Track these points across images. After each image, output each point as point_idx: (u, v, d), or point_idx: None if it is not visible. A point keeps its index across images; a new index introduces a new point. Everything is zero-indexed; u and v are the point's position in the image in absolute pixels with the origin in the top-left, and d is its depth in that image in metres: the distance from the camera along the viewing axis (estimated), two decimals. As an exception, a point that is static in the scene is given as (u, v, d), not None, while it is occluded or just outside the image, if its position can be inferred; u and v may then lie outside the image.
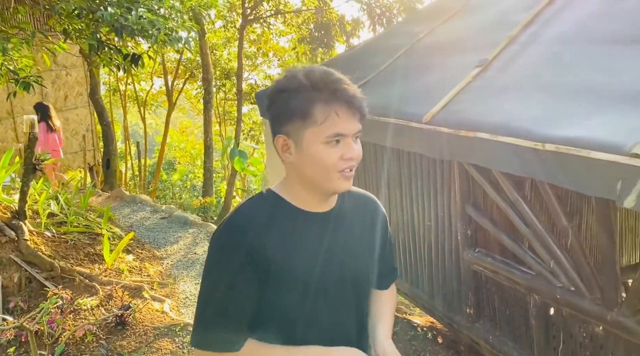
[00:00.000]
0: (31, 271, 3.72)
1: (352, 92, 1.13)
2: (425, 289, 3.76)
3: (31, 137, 3.90)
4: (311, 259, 1.20)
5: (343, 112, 1.12)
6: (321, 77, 1.12)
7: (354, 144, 1.17)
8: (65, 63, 10.64)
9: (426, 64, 3.88)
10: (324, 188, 1.19)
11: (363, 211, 1.35)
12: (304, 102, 1.11)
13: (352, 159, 1.16)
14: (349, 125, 1.14)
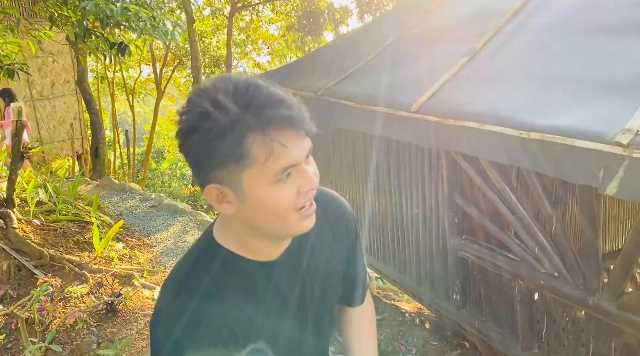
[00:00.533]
0: (20, 260, 3.71)
1: (293, 107, 0.83)
2: (413, 276, 3.82)
3: (18, 125, 3.87)
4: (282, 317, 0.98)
5: (289, 138, 0.82)
6: (247, 99, 0.79)
7: (308, 168, 0.87)
8: (51, 50, 10.50)
9: (415, 53, 3.90)
10: (280, 236, 0.93)
11: (329, 227, 1.08)
12: (234, 140, 0.79)
13: (312, 189, 0.88)
14: (299, 150, 0.84)
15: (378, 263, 4.27)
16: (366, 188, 4.20)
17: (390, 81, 3.77)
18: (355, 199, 4.41)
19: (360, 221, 4.38)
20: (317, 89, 4.26)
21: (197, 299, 0.86)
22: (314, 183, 0.87)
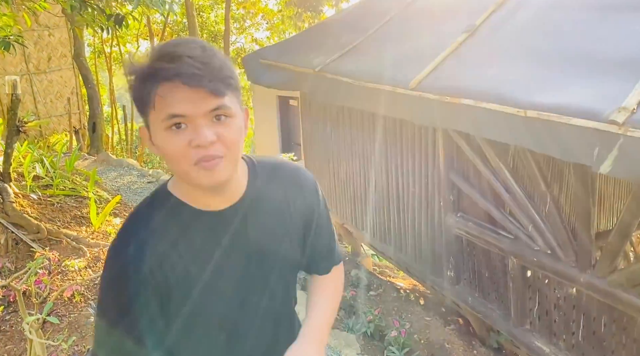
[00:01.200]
0: (17, 233, 3.72)
1: (190, 65, 0.88)
2: (409, 254, 3.85)
3: (14, 99, 3.84)
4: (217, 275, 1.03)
5: (178, 91, 0.88)
6: (157, 53, 0.90)
7: (206, 127, 0.91)
8: (47, 23, 10.34)
9: (415, 29, 3.86)
10: (192, 183, 0.97)
11: (285, 193, 1.11)
12: (142, 88, 0.91)
13: (202, 147, 0.90)
14: (191, 104, 0.89)
15: (375, 240, 4.30)
16: (365, 166, 4.20)
17: (389, 57, 3.74)
18: (354, 178, 4.42)
19: (358, 198, 4.39)
20: (316, 65, 4.23)
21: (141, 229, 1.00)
22: (202, 138, 0.90)
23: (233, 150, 0.95)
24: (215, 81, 0.90)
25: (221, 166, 0.94)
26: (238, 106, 0.98)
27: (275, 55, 5.15)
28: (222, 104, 0.92)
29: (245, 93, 20.66)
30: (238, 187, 1.04)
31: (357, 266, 4.75)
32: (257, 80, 5.22)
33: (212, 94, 0.90)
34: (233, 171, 0.98)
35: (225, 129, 0.93)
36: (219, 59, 0.93)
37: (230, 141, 0.94)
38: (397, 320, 3.54)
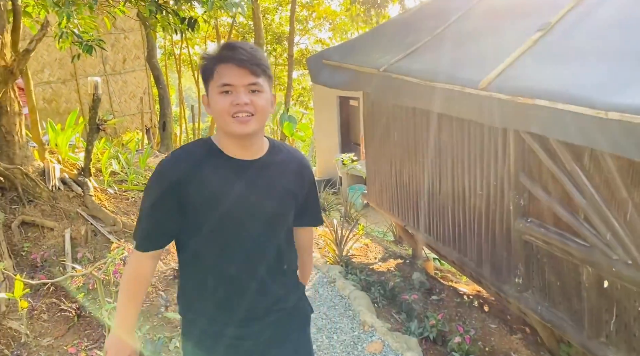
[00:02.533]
0: (96, 225, 3.96)
1: (241, 53, 1.39)
2: (474, 258, 3.75)
3: (95, 98, 4.09)
4: (230, 196, 1.45)
5: (230, 68, 1.38)
6: (222, 46, 1.43)
7: (244, 94, 1.39)
8: (124, 27, 10.94)
9: (484, 28, 3.75)
10: (228, 132, 1.43)
11: (289, 162, 1.58)
12: (209, 67, 1.42)
13: (239, 105, 1.38)
14: (238, 77, 1.38)
15: (437, 243, 4.22)
16: (428, 167, 4.13)
17: (456, 57, 3.66)
18: (417, 179, 4.36)
19: (421, 200, 4.33)
20: (380, 65, 4.20)
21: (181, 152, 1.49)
22: (240, 99, 1.38)
23: (259, 113, 1.42)
24: (255, 66, 1.40)
25: (250, 122, 1.41)
26: (268, 88, 1.45)
27: (339, 56, 5.17)
28: (257, 82, 1.41)
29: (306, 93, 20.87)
30: (259, 150, 1.52)
31: (418, 269, 4.69)
32: (320, 80, 5.26)
33: (252, 73, 1.40)
34: (257, 128, 1.44)
35: (256, 98, 1.41)
36: (261, 54, 1.43)
37: (259, 106, 1.41)
38: (460, 326, 3.46)
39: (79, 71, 10.36)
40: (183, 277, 1.59)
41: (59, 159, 4.62)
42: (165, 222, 1.46)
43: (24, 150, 4.10)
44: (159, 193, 1.43)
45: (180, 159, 1.46)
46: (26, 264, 3.56)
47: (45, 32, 3.80)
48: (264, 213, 1.50)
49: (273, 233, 1.55)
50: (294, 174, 1.59)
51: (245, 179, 1.47)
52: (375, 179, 5.22)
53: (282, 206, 1.56)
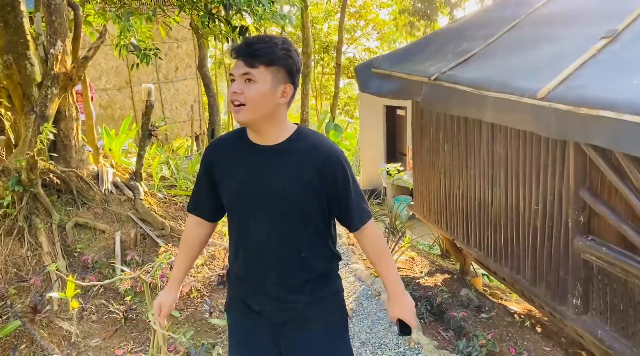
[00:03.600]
0: (145, 229, 4.04)
1: (241, 46, 1.52)
2: (527, 276, 3.57)
3: (148, 105, 4.19)
4: (242, 176, 1.60)
5: (234, 56, 1.53)
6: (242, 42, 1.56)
7: (238, 83, 1.51)
8: (177, 36, 11.26)
9: (541, 36, 3.60)
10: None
11: (310, 153, 1.59)
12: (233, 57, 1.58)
13: (233, 94, 1.51)
14: (236, 68, 1.52)
15: (488, 259, 4.06)
16: (479, 179, 3.99)
17: (512, 66, 3.52)
18: (467, 192, 4.22)
19: (472, 214, 4.18)
20: (431, 73, 4.11)
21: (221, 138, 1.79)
22: (233, 88, 1.52)
23: (250, 103, 1.50)
24: (249, 57, 1.49)
25: (242, 111, 1.51)
26: (269, 78, 1.50)
27: (388, 64, 5.09)
28: (249, 71, 1.49)
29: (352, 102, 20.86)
30: (277, 137, 1.59)
31: (466, 286, 4.53)
32: (368, 89, 5.20)
33: (246, 64, 1.50)
34: (252, 117, 1.53)
35: (248, 88, 1.50)
36: (267, 46, 1.50)
37: (248, 96, 1.50)
38: (512, 347, 3.29)
39: (134, 79, 10.73)
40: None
41: (112, 164, 4.76)
42: (204, 192, 1.73)
43: (80, 154, 4.24)
44: (201, 168, 1.72)
45: (215, 143, 1.74)
46: (78, 264, 3.66)
47: (103, 40, 3.93)
48: (272, 197, 1.58)
49: (286, 219, 1.60)
50: (313, 166, 1.58)
51: (258, 162, 1.59)
52: (423, 191, 5.10)
53: (292, 193, 1.58)
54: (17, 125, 3.92)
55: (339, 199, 1.63)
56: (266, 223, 1.62)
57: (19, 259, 3.57)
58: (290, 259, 1.64)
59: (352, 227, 1.69)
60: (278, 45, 1.51)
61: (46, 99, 3.71)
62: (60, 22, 3.92)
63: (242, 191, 1.62)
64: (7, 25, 3.98)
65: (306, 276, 1.67)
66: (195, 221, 1.78)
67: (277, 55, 1.51)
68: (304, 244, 1.64)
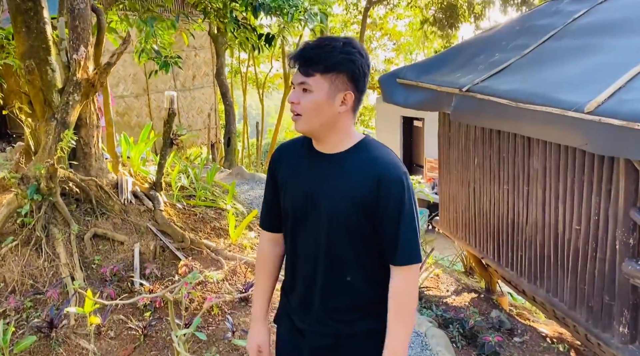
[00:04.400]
0: (165, 241, 3.91)
1: (297, 53, 1.43)
2: (566, 299, 3.38)
3: (170, 113, 4.08)
4: (298, 183, 1.54)
5: (291, 64, 1.44)
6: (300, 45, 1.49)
7: (294, 92, 1.44)
8: (195, 44, 11.24)
9: (585, 47, 3.43)
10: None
11: (369, 165, 1.47)
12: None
13: (290, 103, 1.45)
14: (295, 76, 1.45)
15: (520, 279, 3.86)
16: (513, 196, 3.81)
17: (553, 77, 3.36)
18: (499, 208, 4.04)
19: (503, 231, 4.00)
20: (463, 84, 3.95)
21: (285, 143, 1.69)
22: (289, 98, 1.46)
23: (305, 113, 1.43)
24: (304, 66, 1.41)
25: (299, 121, 1.45)
26: (326, 86, 1.41)
27: (414, 75, 4.94)
28: (304, 81, 1.41)
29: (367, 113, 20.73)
30: (338, 145, 1.50)
31: (495, 306, 4.33)
32: (393, 100, 5.05)
33: (302, 73, 1.42)
34: (308, 128, 1.47)
35: (304, 97, 1.43)
36: (324, 51, 1.39)
37: (303, 107, 1.43)
38: (552, 376, 3.09)
39: (151, 87, 10.72)
40: None
41: (131, 172, 4.65)
42: (271, 200, 1.65)
43: (100, 162, 4.14)
44: (267, 176, 1.66)
45: (281, 147, 1.67)
46: (96, 277, 3.54)
47: (127, 46, 3.84)
48: (322, 211, 1.49)
49: (334, 236, 1.49)
50: (370, 180, 1.45)
51: (315, 170, 1.52)
52: (450, 205, 4.92)
53: (343, 209, 1.46)
54: (38, 132, 3.83)
55: (388, 222, 1.45)
56: (314, 238, 1.52)
57: (36, 271, 3.46)
58: (334, 281, 1.52)
59: (393, 259, 1.48)
60: (337, 49, 1.39)
61: (67, 106, 3.61)
62: (84, 28, 3.83)
63: (295, 199, 1.54)
64: (29, 31, 3.91)
65: (350, 301, 1.54)
66: (270, 238, 1.68)
67: (335, 61, 1.39)
68: (351, 266, 1.51)
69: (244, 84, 17.30)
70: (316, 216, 1.50)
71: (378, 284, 1.52)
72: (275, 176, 1.61)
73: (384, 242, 1.47)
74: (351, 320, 1.54)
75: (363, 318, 1.55)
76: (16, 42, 4.00)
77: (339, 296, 1.54)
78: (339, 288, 1.53)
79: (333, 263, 1.51)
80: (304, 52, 1.41)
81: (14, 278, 3.40)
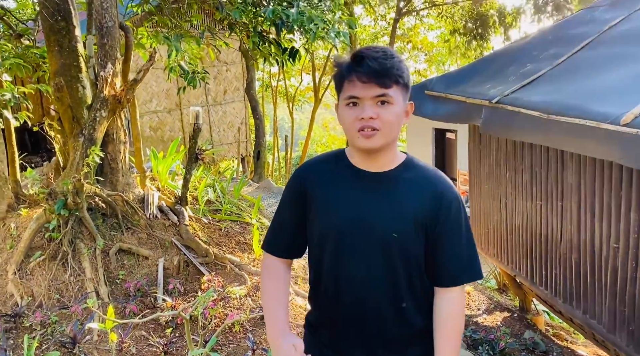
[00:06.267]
0: (189, 256, 3.91)
1: (368, 65, 1.29)
2: (604, 322, 3.18)
3: (195, 128, 4.10)
4: (340, 205, 1.41)
5: (362, 77, 1.29)
6: (351, 56, 1.34)
7: (370, 106, 1.31)
8: (226, 60, 11.41)
9: (621, 56, 3.27)
10: (354, 145, 1.39)
11: (426, 185, 1.40)
12: (336, 76, 1.37)
13: (364, 119, 1.31)
14: (363, 90, 1.30)
15: (555, 299, 3.68)
16: (547, 211, 3.64)
17: (588, 88, 3.21)
18: (532, 224, 3.87)
19: (536, 248, 3.82)
20: (492, 96, 3.83)
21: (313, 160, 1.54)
22: (365, 114, 1.30)
23: (387, 127, 1.32)
24: (384, 77, 1.30)
25: (376, 137, 1.32)
26: (401, 98, 1.34)
27: (443, 87, 4.84)
28: (385, 93, 1.31)
29: (403, 123, 20.55)
30: (388, 163, 1.41)
31: (529, 326, 4.13)
32: (422, 112, 4.95)
33: (380, 85, 1.30)
34: (384, 143, 1.35)
35: (384, 111, 1.32)
36: (393, 62, 1.31)
37: (385, 120, 1.32)
38: (590, 405, 2.90)
39: (183, 101, 10.90)
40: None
41: (159, 187, 4.69)
42: (290, 225, 1.50)
43: (127, 177, 4.19)
44: (289, 197, 1.51)
45: (310, 164, 1.53)
46: (120, 292, 3.55)
47: (153, 62, 3.89)
48: (376, 233, 1.37)
49: (389, 261, 1.38)
50: (427, 201, 1.38)
51: (364, 191, 1.40)
52: (481, 221, 4.76)
53: (402, 230, 1.37)
54: (66, 148, 3.90)
55: (449, 241, 1.39)
56: (366, 264, 1.39)
57: (62, 285, 3.50)
58: (389, 309, 1.42)
59: (446, 279, 1.42)
60: (399, 58, 1.34)
61: (95, 122, 3.67)
62: (112, 45, 3.91)
63: (340, 223, 1.39)
64: (62, 49, 4.02)
65: (404, 331, 1.45)
66: (277, 263, 1.54)
67: (405, 71, 1.34)
68: (406, 292, 1.42)
69: (274, 97, 17.45)
70: (368, 239, 1.38)
71: (427, 309, 1.46)
72: (303, 198, 1.46)
73: (442, 261, 1.41)
74: (404, 348, 1.46)
75: (414, 346, 1.47)
76: (49, 60, 4.12)
77: (394, 325, 1.44)
78: (393, 316, 1.43)
79: (388, 290, 1.41)
80: (376, 64, 1.29)
81: (41, 292, 3.45)
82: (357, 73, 1.30)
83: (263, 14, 3.37)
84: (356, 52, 1.33)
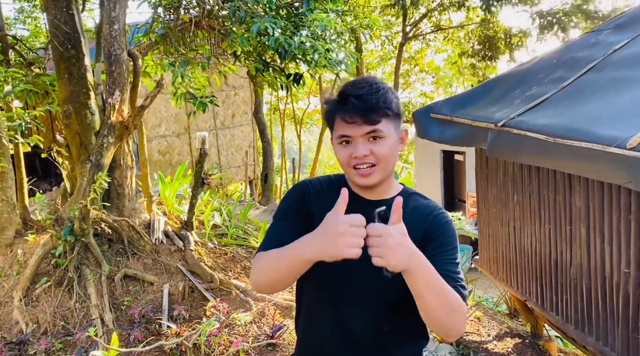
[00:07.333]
0: (194, 282, 3.89)
1: (353, 103, 1.28)
2: (617, 349, 3.10)
3: (202, 153, 4.12)
4: None
5: (346, 117, 1.30)
6: (341, 89, 1.35)
7: (362, 144, 1.31)
8: (234, 84, 11.55)
9: (626, 79, 3.26)
10: (352, 181, 1.41)
11: (419, 212, 1.41)
12: (326, 114, 1.39)
13: (358, 158, 1.31)
14: (353, 129, 1.31)
15: (567, 325, 3.60)
16: (555, 235, 3.59)
17: (593, 112, 3.19)
18: (541, 248, 3.81)
19: (546, 273, 3.76)
20: (498, 119, 3.81)
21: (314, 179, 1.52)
22: (358, 152, 1.31)
23: (383, 161, 1.33)
24: (370, 114, 1.29)
25: (373, 174, 1.34)
26: (392, 129, 1.34)
27: (448, 110, 4.84)
28: (375, 129, 1.30)
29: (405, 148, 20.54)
30: (386, 192, 1.43)
31: (541, 353, 4.04)
32: (428, 136, 4.94)
33: (368, 122, 1.30)
34: (382, 176, 1.36)
35: (377, 146, 1.32)
36: (379, 95, 1.30)
37: (380, 155, 1.32)
38: None
39: (192, 125, 11.01)
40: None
41: (165, 211, 4.70)
42: (288, 230, 1.40)
43: (133, 202, 4.21)
44: (289, 203, 1.47)
45: (313, 182, 1.50)
46: (125, 318, 3.53)
47: (160, 89, 3.94)
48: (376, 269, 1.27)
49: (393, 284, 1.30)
50: (423, 225, 1.39)
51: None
52: (490, 245, 4.70)
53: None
54: (74, 174, 3.94)
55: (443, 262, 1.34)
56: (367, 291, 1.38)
57: (67, 312, 3.48)
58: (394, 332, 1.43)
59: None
60: (386, 89, 1.33)
61: (102, 148, 3.71)
62: (120, 73, 3.97)
63: None
64: (71, 77, 4.09)
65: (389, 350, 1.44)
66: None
67: (394, 102, 1.33)
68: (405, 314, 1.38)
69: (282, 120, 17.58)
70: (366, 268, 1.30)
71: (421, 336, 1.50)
72: (304, 210, 1.41)
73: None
74: None
75: None
76: (58, 87, 4.19)
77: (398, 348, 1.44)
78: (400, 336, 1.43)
79: (394, 316, 1.41)
80: (361, 103, 1.28)
81: (46, 319, 3.43)
82: (344, 113, 1.30)
83: (266, 42, 3.42)
84: (341, 91, 1.33)
